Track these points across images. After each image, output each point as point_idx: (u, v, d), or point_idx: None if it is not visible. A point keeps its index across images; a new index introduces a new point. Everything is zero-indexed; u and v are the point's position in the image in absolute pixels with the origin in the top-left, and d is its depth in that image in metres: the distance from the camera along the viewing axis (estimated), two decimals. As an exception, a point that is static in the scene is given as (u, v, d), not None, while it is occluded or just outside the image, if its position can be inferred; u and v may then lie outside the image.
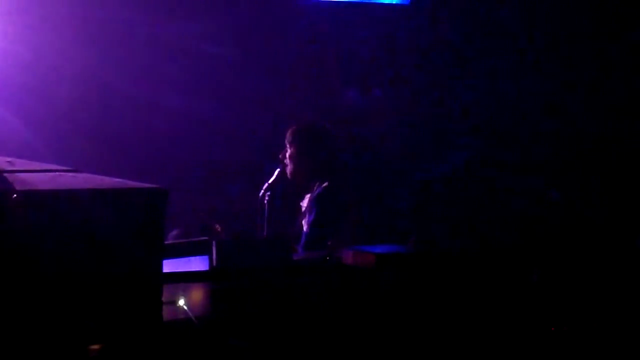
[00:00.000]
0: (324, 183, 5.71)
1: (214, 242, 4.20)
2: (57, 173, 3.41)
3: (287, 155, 5.80)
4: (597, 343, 4.07)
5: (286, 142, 5.82)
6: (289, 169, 5.80)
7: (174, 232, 5.39)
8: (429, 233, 6.24)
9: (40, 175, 3.31)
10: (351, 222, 5.61)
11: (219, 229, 5.38)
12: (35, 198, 2.98)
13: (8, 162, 3.44)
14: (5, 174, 3.19)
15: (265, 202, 5.76)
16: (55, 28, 6.62)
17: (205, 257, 4.26)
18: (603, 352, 4.04)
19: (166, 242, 4.01)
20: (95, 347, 3.03)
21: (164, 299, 3.21)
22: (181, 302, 3.52)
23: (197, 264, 4.28)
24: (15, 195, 2.92)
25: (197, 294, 3.93)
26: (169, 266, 3.59)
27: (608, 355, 4.04)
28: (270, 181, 5.81)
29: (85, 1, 6.67)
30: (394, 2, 7.67)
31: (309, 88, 7.66)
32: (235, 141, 7.43)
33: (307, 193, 5.79)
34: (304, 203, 5.77)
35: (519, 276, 4.32)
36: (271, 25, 7.42)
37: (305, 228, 5.58)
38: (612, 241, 5.03)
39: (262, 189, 5.82)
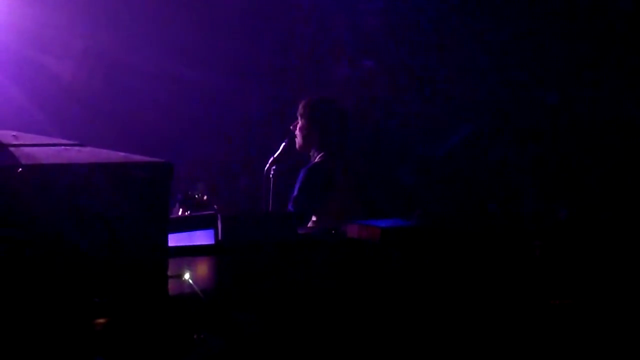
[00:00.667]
0: (318, 157, 5.71)
1: (219, 216, 4.21)
2: (62, 147, 3.41)
3: (298, 127, 5.79)
4: (598, 316, 4.08)
5: (297, 113, 5.81)
6: (297, 141, 5.80)
7: (177, 205, 5.38)
8: (434, 208, 6.24)
9: (45, 149, 3.31)
10: (340, 197, 5.59)
11: (205, 199, 5.36)
12: (40, 172, 2.98)
13: (13, 136, 3.44)
14: (11, 148, 3.19)
15: (271, 176, 5.76)
16: (61, 4, 6.61)
17: (211, 231, 4.27)
18: (604, 325, 4.05)
19: (171, 217, 4.02)
20: (102, 321, 3.04)
21: (169, 272, 3.22)
22: (187, 276, 3.53)
23: (202, 237, 4.29)
24: (20, 169, 2.92)
25: (203, 268, 3.94)
26: (174, 240, 3.60)
27: (610, 329, 4.05)
28: (275, 155, 5.81)
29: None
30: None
31: (311, 63, 7.64)
32: (242, 115, 7.42)
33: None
34: None
35: (521, 250, 4.33)
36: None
37: (289, 204, 5.59)
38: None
39: (267, 163, 5.82)
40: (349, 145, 5.88)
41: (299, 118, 5.80)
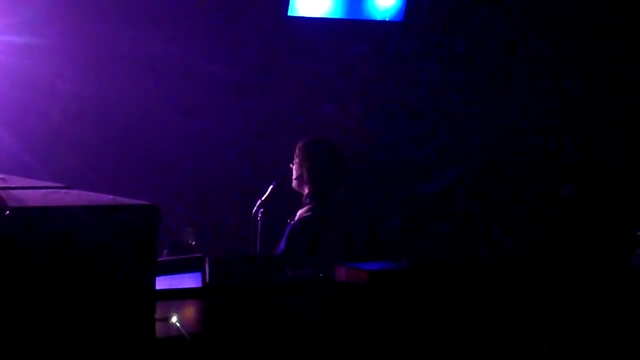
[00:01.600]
0: (308, 209, 5.66)
1: (207, 259, 4.19)
2: (49, 190, 3.40)
3: (294, 166, 5.77)
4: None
5: (294, 154, 5.79)
6: (293, 180, 5.77)
7: (165, 251, 5.37)
8: (422, 250, 6.24)
9: (32, 192, 3.30)
10: (330, 250, 5.55)
11: (193, 244, 5.35)
12: (27, 215, 2.97)
13: (0, 178, 3.43)
14: (-2, 191, 3.18)
15: (259, 218, 5.74)
16: (49, 45, 6.62)
17: (198, 274, 4.26)
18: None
19: (159, 259, 4.01)
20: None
21: (156, 315, 3.20)
22: (174, 319, 3.51)
23: (190, 280, 4.28)
24: (7, 211, 2.91)
25: (190, 311, 3.92)
26: (162, 283, 3.58)
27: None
28: (263, 197, 5.80)
29: (79, 20, 6.68)
30: (387, 19, 7.67)
31: (300, 105, 7.66)
32: (229, 158, 7.43)
33: (300, 209, 5.78)
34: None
35: (511, 291, 4.32)
36: (263, 42, 7.43)
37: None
38: (604, 257, 5.03)
39: (255, 205, 5.81)
40: (342, 191, 5.85)
41: (294, 158, 5.78)
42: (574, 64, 7.59)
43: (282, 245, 5.53)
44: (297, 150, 5.76)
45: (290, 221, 5.66)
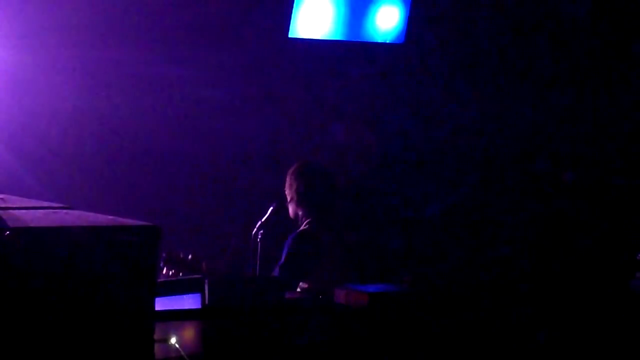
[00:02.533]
0: (305, 224, 5.70)
1: (206, 280, 4.19)
2: (50, 210, 3.40)
3: (286, 192, 5.81)
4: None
5: (287, 178, 5.84)
6: (288, 205, 5.81)
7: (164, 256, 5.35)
8: (422, 272, 6.23)
9: (33, 213, 3.31)
10: (329, 264, 5.57)
11: (189, 257, 5.33)
12: (28, 235, 2.97)
13: (1, 199, 3.44)
14: (-2, 211, 3.19)
15: (258, 240, 5.74)
16: (50, 65, 6.63)
17: (198, 295, 4.25)
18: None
19: (158, 280, 4.01)
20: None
21: (156, 337, 3.20)
22: (173, 340, 3.51)
23: (189, 301, 4.27)
24: (7, 232, 2.91)
25: (190, 332, 3.92)
26: (161, 304, 3.58)
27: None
28: (263, 219, 5.81)
29: (80, 41, 6.69)
30: (388, 41, 7.69)
31: (301, 127, 7.67)
32: (228, 179, 7.43)
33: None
34: None
35: (507, 313, 4.32)
36: (264, 63, 7.44)
37: (275, 270, 5.57)
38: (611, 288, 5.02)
39: (255, 226, 5.81)
40: (338, 211, 5.88)
41: (288, 182, 5.81)
42: (576, 80, 7.61)
43: (282, 256, 5.56)
44: (290, 175, 5.82)
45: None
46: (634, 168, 7.31)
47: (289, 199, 5.79)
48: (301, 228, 5.71)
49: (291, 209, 5.80)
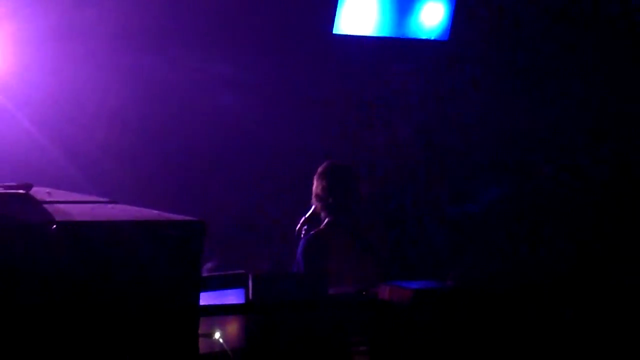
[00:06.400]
0: (323, 225, 5.69)
1: (250, 276, 4.20)
2: (95, 204, 3.42)
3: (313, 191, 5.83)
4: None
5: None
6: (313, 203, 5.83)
7: (209, 265, 5.39)
8: (467, 269, 6.20)
9: (78, 207, 3.32)
10: (342, 264, 5.54)
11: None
12: (74, 229, 2.99)
13: (47, 192, 3.46)
14: (45, 205, 3.20)
15: (302, 236, 5.75)
16: (96, 59, 6.68)
17: (242, 290, 4.26)
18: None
19: (202, 275, 4.02)
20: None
21: (200, 331, 3.21)
22: (217, 335, 3.52)
23: (233, 296, 4.28)
24: (54, 225, 2.93)
25: (233, 327, 3.93)
26: (206, 299, 3.59)
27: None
28: (307, 215, 5.82)
29: (126, 34, 6.73)
30: (432, 38, 7.66)
31: (343, 124, 7.66)
32: (272, 175, 7.44)
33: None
34: None
35: (553, 313, 4.29)
36: (308, 59, 7.44)
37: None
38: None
39: (298, 222, 5.82)
40: (358, 212, 5.84)
41: (314, 182, 5.82)
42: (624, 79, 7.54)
43: (299, 262, 5.57)
44: (316, 174, 5.83)
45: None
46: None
47: (314, 195, 5.79)
48: (313, 231, 5.69)
49: (315, 203, 5.80)
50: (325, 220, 5.71)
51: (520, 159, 7.68)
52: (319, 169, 5.83)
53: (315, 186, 5.78)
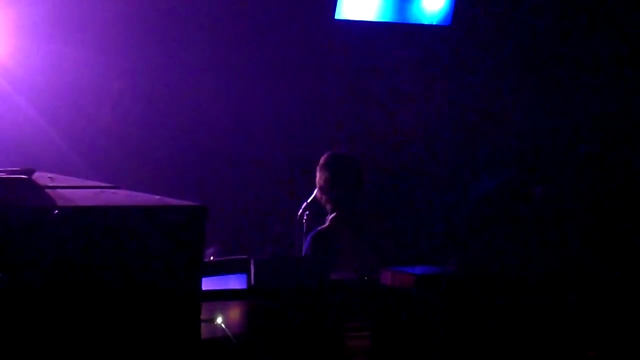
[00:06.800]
0: (328, 220, 5.66)
1: (252, 261, 4.20)
2: (98, 190, 3.42)
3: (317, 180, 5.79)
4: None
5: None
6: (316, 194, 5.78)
7: (210, 250, 5.39)
8: (468, 255, 6.21)
9: (81, 192, 3.33)
10: (350, 260, 5.52)
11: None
12: (76, 214, 2.99)
13: (50, 178, 3.46)
14: (47, 190, 3.21)
15: (304, 220, 5.74)
16: (98, 46, 6.68)
17: (244, 275, 4.26)
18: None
19: (204, 260, 4.02)
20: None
21: (202, 317, 3.22)
22: (219, 320, 3.52)
23: (235, 282, 4.28)
24: (56, 210, 2.94)
25: (235, 312, 3.93)
26: (208, 284, 3.60)
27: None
28: (309, 200, 5.80)
29: (128, 22, 6.73)
30: (434, 23, 7.65)
31: (344, 109, 7.66)
32: (274, 160, 7.44)
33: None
34: None
35: (557, 298, 4.28)
36: (310, 45, 7.44)
37: None
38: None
39: (300, 207, 5.81)
40: (362, 203, 5.81)
41: (317, 171, 5.78)
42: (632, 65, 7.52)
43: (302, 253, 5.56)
44: (319, 164, 5.78)
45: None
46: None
47: (318, 186, 5.74)
48: (320, 227, 5.66)
49: (318, 194, 5.75)
50: (331, 216, 5.66)
51: (524, 145, 7.68)
52: (321, 160, 5.75)
53: (318, 177, 5.72)
